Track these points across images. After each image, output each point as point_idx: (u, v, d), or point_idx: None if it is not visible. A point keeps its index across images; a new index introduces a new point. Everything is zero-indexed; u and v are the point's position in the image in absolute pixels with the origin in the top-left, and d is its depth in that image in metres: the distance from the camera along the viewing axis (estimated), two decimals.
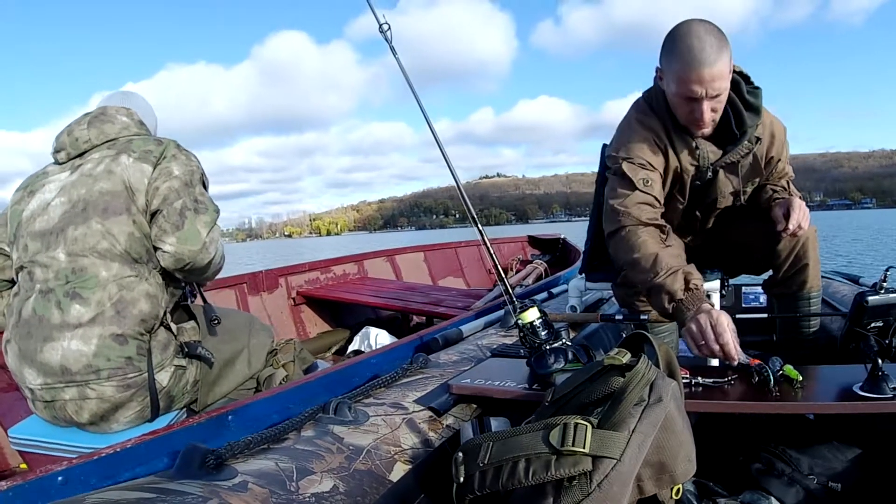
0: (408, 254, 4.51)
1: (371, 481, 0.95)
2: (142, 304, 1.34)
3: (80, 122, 1.44)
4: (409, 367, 1.42)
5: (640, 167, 1.47)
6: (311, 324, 3.49)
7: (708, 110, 1.39)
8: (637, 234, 1.42)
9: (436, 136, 1.71)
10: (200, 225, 1.37)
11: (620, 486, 0.73)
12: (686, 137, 1.49)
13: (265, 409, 1.41)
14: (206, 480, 0.81)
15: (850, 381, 1.12)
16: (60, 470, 1.02)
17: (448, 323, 2.25)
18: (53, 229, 1.34)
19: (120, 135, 1.44)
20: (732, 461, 1.28)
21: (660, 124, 1.50)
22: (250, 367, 1.66)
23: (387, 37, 1.76)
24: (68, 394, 1.29)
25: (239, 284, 3.18)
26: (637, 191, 1.45)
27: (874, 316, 1.43)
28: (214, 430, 1.28)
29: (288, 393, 1.48)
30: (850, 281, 2.44)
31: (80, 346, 1.28)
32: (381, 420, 1.12)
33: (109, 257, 1.33)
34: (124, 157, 1.38)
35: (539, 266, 4.21)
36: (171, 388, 1.42)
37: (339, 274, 3.88)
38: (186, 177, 1.41)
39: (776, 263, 1.65)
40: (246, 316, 1.84)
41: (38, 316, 1.30)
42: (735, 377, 1.20)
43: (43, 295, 1.31)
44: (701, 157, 1.51)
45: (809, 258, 1.61)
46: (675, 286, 1.30)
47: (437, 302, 3.20)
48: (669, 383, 0.85)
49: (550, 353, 1.26)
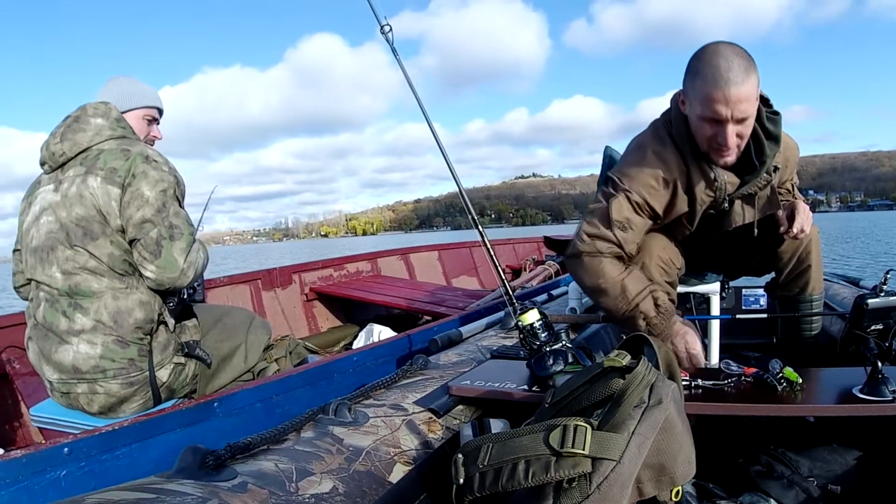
0: (422, 253, 4.61)
1: (371, 482, 0.95)
2: (136, 312, 1.48)
3: (56, 135, 1.52)
4: (409, 369, 1.42)
5: (631, 206, 1.43)
6: (323, 319, 3.63)
7: (732, 135, 1.31)
8: (599, 262, 1.42)
9: (436, 136, 1.71)
10: (177, 252, 1.48)
11: (620, 488, 0.73)
12: (704, 167, 1.41)
13: (248, 398, 1.57)
14: (205, 481, 0.81)
15: (849, 384, 1.12)
16: (66, 442, 1.21)
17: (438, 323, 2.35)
18: (43, 247, 1.48)
19: (92, 142, 1.51)
20: (732, 463, 1.28)
21: (676, 154, 1.42)
22: (246, 362, 1.78)
23: (388, 38, 1.76)
24: (80, 388, 1.46)
25: (254, 280, 3.36)
26: (612, 230, 1.42)
27: (874, 318, 1.43)
28: (202, 415, 1.46)
29: (270, 385, 1.65)
30: (850, 283, 2.44)
31: (88, 350, 1.44)
32: (381, 421, 1.12)
33: (99, 273, 1.46)
34: (91, 178, 1.45)
35: (550, 268, 4.20)
36: (172, 382, 1.57)
37: (352, 271, 4.00)
38: (159, 201, 1.47)
39: (779, 266, 1.65)
40: (247, 314, 1.92)
41: (49, 323, 1.47)
42: (735, 379, 1.20)
43: (50, 304, 1.48)
44: (718, 188, 1.43)
45: (812, 260, 1.62)
46: (648, 311, 1.37)
47: (440, 301, 3.26)
48: (669, 385, 0.85)
49: (550, 354, 1.25)
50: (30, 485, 1.14)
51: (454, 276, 4.62)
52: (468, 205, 1.58)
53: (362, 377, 1.91)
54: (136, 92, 1.67)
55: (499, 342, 1.75)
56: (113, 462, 1.30)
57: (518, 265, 4.80)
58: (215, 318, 1.77)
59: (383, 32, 1.76)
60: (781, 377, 1.17)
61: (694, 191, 1.44)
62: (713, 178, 1.42)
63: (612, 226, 1.42)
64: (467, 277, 4.69)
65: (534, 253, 5.03)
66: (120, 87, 1.65)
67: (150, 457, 1.36)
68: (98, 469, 1.28)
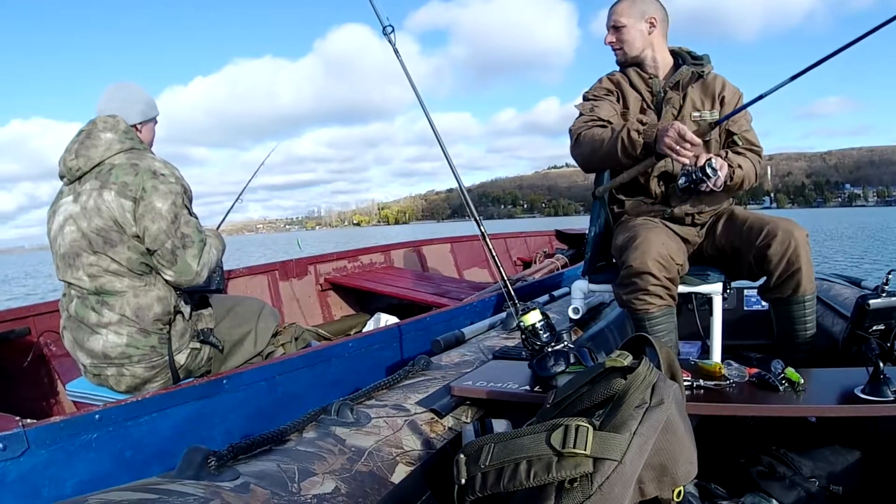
0: (435, 245, 4.78)
1: (373, 483, 0.95)
2: (155, 307, 1.68)
3: (70, 151, 1.69)
4: (411, 369, 1.43)
5: (591, 98, 1.91)
6: (337, 308, 3.86)
7: (611, 35, 1.91)
8: (588, 129, 1.81)
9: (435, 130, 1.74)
10: (190, 258, 1.68)
11: (621, 488, 0.74)
12: (642, 73, 1.91)
13: (253, 376, 1.78)
14: (207, 481, 0.81)
15: (851, 384, 1.12)
16: (97, 410, 1.44)
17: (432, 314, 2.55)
18: (69, 253, 1.67)
19: (103, 157, 1.67)
20: (734, 464, 1.28)
21: (621, 72, 1.96)
22: (256, 346, 2.01)
23: (390, 39, 1.77)
24: (110, 371, 1.69)
25: (271, 271, 3.61)
26: (583, 115, 1.86)
27: (876, 319, 1.43)
28: (212, 390, 1.66)
29: (273, 366, 1.85)
30: (851, 284, 2.43)
31: (115, 339, 1.66)
32: (383, 422, 1.12)
33: (120, 274, 1.66)
34: (106, 192, 1.63)
35: (558, 261, 4.21)
36: (189, 364, 1.80)
37: (365, 263, 4.20)
38: (171, 213, 1.65)
39: (769, 269, 1.67)
40: (258, 303, 2.14)
41: (80, 316, 1.68)
42: (737, 380, 1.20)
43: (81, 301, 1.69)
44: (653, 83, 1.90)
45: (802, 262, 1.63)
46: (633, 126, 1.68)
47: (444, 293, 3.39)
48: (671, 385, 0.85)
49: (552, 355, 1.26)
50: (66, 445, 1.38)
51: (465, 268, 4.73)
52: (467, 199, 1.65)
53: (356, 361, 2.11)
54: (148, 102, 1.82)
55: (501, 343, 1.75)
56: (136, 428, 1.52)
57: (529, 258, 4.88)
58: (228, 307, 1.99)
59: (386, 34, 1.77)
60: (783, 377, 1.17)
61: (635, 84, 1.91)
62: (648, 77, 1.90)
63: (583, 113, 1.87)
64: (479, 270, 4.78)
65: (545, 246, 5.08)
66: (131, 96, 1.79)
67: (167, 424, 1.58)
68: (123, 434, 1.50)
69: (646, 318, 1.61)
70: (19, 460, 1.33)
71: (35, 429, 1.34)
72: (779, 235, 1.64)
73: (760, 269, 1.71)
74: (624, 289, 1.64)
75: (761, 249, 1.67)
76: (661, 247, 1.59)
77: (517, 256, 4.97)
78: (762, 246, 1.67)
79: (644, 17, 1.86)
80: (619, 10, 1.87)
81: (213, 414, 1.69)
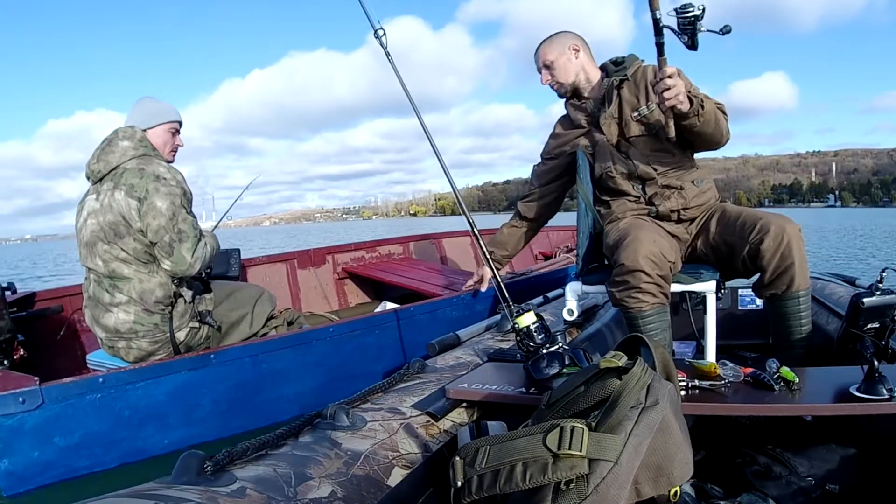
0: (455, 237, 4.92)
1: (369, 486, 0.94)
2: (157, 291, 1.98)
3: (94, 156, 2.00)
4: (406, 372, 1.42)
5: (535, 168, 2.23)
6: (353, 296, 4.11)
7: (546, 75, 2.03)
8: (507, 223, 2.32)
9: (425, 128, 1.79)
10: (185, 251, 1.95)
11: (617, 489, 0.74)
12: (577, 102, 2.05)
13: (238, 353, 2.07)
14: (204, 486, 0.81)
15: (846, 383, 1.12)
16: (101, 375, 1.78)
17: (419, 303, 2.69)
18: (89, 242, 1.98)
19: (120, 162, 1.97)
20: (730, 464, 1.28)
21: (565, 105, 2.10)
22: (251, 328, 2.29)
23: (382, 42, 1.77)
24: (121, 344, 2.00)
25: (290, 260, 3.88)
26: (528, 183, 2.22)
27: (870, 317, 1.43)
28: (201, 363, 1.98)
29: (257, 345, 2.14)
30: (846, 282, 2.44)
31: (125, 317, 1.97)
32: (379, 425, 1.12)
33: (128, 262, 1.95)
34: (118, 192, 1.93)
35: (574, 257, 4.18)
36: (189, 341, 2.08)
37: (383, 254, 4.38)
38: (170, 211, 1.92)
39: (762, 265, 1.67)
40: (257, 289, 2.41)
41: (97, 297, 2.00)
42: (732, 380, 1.20)
43: (97, 283, 2.00)
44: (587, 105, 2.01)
45: (795, 257, 1.64)
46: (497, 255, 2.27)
47: (449, 284, 3.49)
48: (666, 386, 0.85)
49: (547, 357, 1.26)
50: (75, 402, 1.73)
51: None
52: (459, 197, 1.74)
53: (337, 345, 2.36)
54: (159, 110, 2.09)
55: (496, 345, 1.75)
56: (134, 391, 1.84)
57: (550, 252, 4.87)
58: (227, 292, 2.29)
59: (377, 36, 1.77)
60: (778, 377, 1.17)
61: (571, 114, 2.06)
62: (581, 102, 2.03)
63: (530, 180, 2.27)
64: None
65: (568, 241, 5.01)
66: (146, 108, 2.08)
67: (161, 390, 1.90)
68: (122, 396, 1.82)
69: (639, 316, 1.61)
70: (35, 413, 1.66)
71: (48, 387, 1.68)
72: (772, 230, 1.64)
73: (754, 264, 1.71)
74: (617, 287, 1.64)
75: (755, 244, 1.67)
76: (652, 244, 1.59)
77: (538, 251, 4.97)
78: (756, 241, 1.67)
79: (566, 47, 1.99)
80: (543, 51, 2.02)
81: (202, 384, 1.98)
